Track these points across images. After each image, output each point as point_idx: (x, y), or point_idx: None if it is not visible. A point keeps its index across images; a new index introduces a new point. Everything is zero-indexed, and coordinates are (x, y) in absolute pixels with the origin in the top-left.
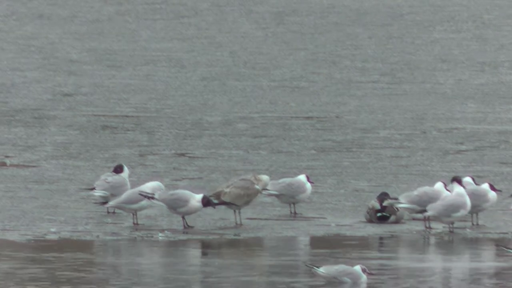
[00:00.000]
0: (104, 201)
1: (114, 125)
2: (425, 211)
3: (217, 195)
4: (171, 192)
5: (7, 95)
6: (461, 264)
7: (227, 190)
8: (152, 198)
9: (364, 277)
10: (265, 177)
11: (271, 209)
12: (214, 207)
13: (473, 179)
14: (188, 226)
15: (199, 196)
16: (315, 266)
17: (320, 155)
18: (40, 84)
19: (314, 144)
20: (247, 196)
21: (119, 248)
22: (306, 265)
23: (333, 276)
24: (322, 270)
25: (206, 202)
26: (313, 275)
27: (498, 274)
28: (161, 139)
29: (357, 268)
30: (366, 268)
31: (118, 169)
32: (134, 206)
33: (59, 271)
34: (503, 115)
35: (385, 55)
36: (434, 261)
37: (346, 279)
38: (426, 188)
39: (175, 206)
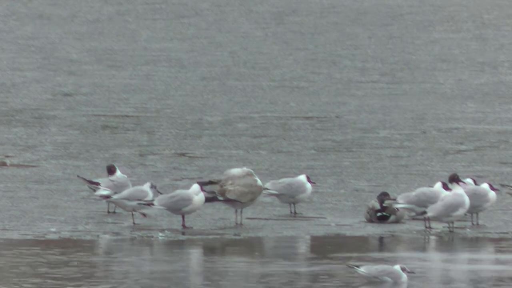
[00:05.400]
0: (107, 195)
1: (114, 125)
2: (425, 212)
3: (222, 193)
4: (171, 194)
5: (7, 95)
6: (461, 264)
7: (232, 188)
8: (152, 204)
9: (404, 276)
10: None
11: (271, 209)
12: (210, 192)
13: (474, 181)
14: (186, 226)
15: (195, 187)
16: (355, 266)
17: (320, 155)
18: (40, 84)
19: (314, 144)
20: (252, 194)
21: (119, 248)
22: (347, 265)
23: (374, 275)
24: (363, 269)
25: (201, 187)
26: (315, 276)
27: (499, 274)
28: (161, 139)
29: (397, 267)
30: (406, 267)
31: (112, 169)
32: (135, 204)
33: (58, 270)
34: (503, 115)
35: (385, 55)
36: (434, 261)
37: (387, 278)
38: (424, 189)
39: (180, 207)
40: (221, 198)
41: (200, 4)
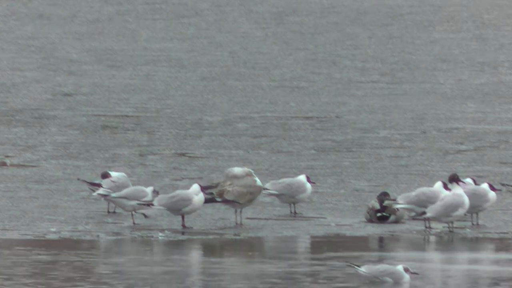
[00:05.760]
0: (106, 194)
1: (114, 125)
2: (424, 213)
3: (220, 194)
4: (171, 195)
5: (7, 95)
6: (461, 264)
7: (230, 188)
8: (151, 205)
9: (406, 277)
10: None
11: (271, 209)
12: (208, 193)
13: (474, 181)
14: (186, 226)
15: (195, 188)
16: (356, 265)
17: (320, 155)
18: (40, 84)
19: (314, 144)
20: (251, 194)
21: (119, 248)
22: (347, 264)
23: (374, 275)
24: (363, 269)
25: (201, 188)
26: (314, 275)
27: (499, 274)
28: (161, 139)
29: (399, 267)
30: (409, 268)
31: (106, 176)
32: (134, 203)
33: (59, 270)
34: (503, 115)
35: (385, 55)
36: (434, 261)
37: (387, 278)
38: (424, 189)
39: (180, 207)
40: (219, 200)
41: (200, 4)
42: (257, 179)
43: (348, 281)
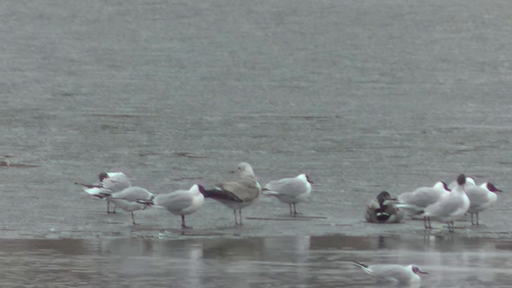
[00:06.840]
0: (108, 193)
1: (114, 125)
2: (422, 212)
3: (220, 185)
4: (171, 194)
5: (7, 95)
6: (461, 264)
7: (229, 183)
8: (151, 203)
9: (414, 277)
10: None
11: (271, 209)
12: (211, 195)
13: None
14: (186, 226)
15: (194, 188)
16: (362, 265)
17: (320, 155)
18: (40, 84)
19: (314, 144)
20: (249, 193)
21: (119, 248)
22: (354, 264)
23: (380, 275)
24: (369, 269)
25: (201, 188)
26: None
27: (498, 274)
28: (161, 139)
29: (408, 268)
30: (418, 268)
31: (104, 177)
32: (134, 203)
33: (58, 270)
34: (503, 115)
35: (385, 55)
36: (434, 261)
37: (393, 278)
38: (424, 189)
39: (180, 207)
40: (219, 189)
41: (200, 4)
42: (257, 182)
43: (350, 281)
